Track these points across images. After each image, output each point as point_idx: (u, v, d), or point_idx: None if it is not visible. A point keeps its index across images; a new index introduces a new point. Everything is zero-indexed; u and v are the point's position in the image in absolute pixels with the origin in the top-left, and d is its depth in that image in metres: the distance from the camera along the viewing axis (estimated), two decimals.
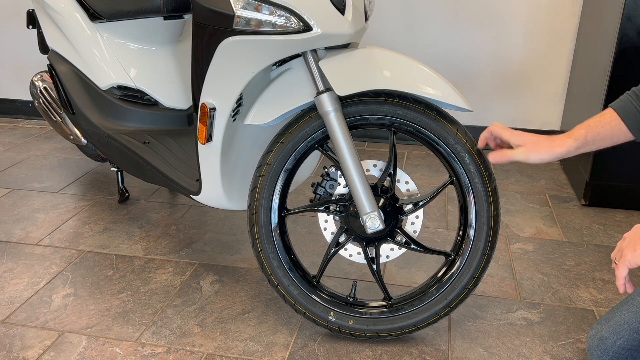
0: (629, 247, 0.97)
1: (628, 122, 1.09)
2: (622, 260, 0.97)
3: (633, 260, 0.96)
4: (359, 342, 1.41)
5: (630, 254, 0.96)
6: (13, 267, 1.72)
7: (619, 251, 1.01)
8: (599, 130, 1.11)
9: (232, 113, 1.35)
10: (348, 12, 1.18)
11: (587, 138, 1.12)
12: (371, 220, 1.26)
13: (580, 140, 1.12)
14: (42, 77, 2.19)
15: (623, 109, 1.09)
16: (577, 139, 1.12)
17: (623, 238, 1.01)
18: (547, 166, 2.46)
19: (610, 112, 1.11)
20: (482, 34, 2.49)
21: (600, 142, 1.12)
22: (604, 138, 1.12)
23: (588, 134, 1.12)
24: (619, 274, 0.98)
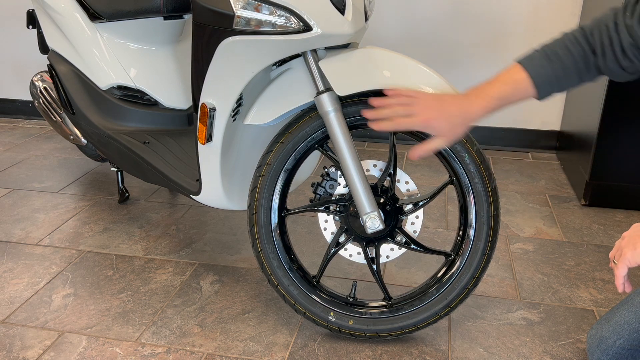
0: (628, 246, 0.97)
1: (536, 79, 1.06)
2: (622, 259, 0.97)
3: (633, 259, 0.95)
4: (359, 342, 1.41)
5: (630, 253, 0.96)
6: (13, 267, 1.72)
7: (617, 250, 1.00)
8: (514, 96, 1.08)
9: (232, 113, 1.35)
10: (348, 12, 1.18)
11: (502, 101, 1.09)
12: (371, 220, 1.26)
13: (495, 105, 1.09)
14: (42, 77, 2.19)
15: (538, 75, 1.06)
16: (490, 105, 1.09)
17: (622, 237, 1.01)
18: (547, 166, 2.46)
19: (520, 71, 1.07)
20: (482, 33, 2.49)
21: (508, 103, 1.10)
22: (512, 99, 1.09)
23: (501, 102, 1.09)
24: (619, 273, 0.97)
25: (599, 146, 1.99)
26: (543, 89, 1.07)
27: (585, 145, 2.10)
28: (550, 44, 1.06)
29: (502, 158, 2.56)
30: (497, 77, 1.09)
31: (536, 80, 1.05)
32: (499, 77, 1.09)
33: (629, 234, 1.00)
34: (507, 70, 1.09)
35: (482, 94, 1.09)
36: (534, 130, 2.61)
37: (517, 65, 1.08)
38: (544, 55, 1.05)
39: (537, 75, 1.05)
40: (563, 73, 1.04)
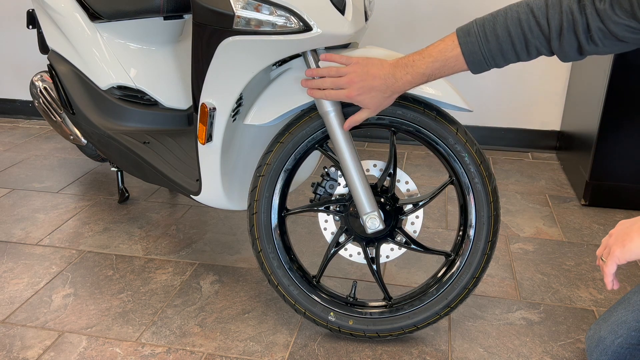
0: (617, 244, 0.95)
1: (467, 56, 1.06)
2: (611, 257, 0.96)
3: (622, 257, 0.94)
4: (359, 342, 1.41)
5: (619, 250, 0.94)
6: (13, 267, 1.72)
7: (605, 248, 0.99)
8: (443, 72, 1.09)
9: (232, 113, 1.35)
10: (348, 12, 1.18)
11: (430, 77, 1.10)
12: (371, 220, 1.26)
13: (422, 80, 1.10)
14: (42, 77, 2.19)
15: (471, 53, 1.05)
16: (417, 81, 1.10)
17: (609, 235, 1.00)
18: (547, 166, 2.46)
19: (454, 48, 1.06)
20: None
21: (438, 77, 1.11)
22: (442, 74, 1.10)
23: (430, 77, 1.10)
24: (608, 271, 0.96)
25: (599, 146, 1.99)
26: (476, 67, 1.07)
27: (585, 145, 2.10)
28: (492, 20, 1.04)
29: (502, 158, 2.56)
30: (431, 50, 1.08)
31: (469, 59, 1.06)
32: (432, 49, 1.08)
33: (615, 231, 0.98)
34: (442, 41, 1.08)
35: (411, 69, 1.10)
36: (534, 130, 2.61)
37: (454, 38, 1.07)
38: (482, 33, 1.04)
39: (471, 54, 1.05)
40: (499, 53, 1.04)
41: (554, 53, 1.03)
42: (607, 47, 0.98)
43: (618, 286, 0.99)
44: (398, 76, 1.11)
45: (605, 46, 0.98)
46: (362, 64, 1.14)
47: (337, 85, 1.16)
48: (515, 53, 1.04)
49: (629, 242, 0.94)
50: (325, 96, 1.19)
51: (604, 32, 0.96)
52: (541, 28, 1.00)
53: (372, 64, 1.14)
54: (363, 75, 1.13)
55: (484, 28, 1.04)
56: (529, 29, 1.01)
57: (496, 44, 1.03)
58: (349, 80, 1.15)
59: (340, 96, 1.17)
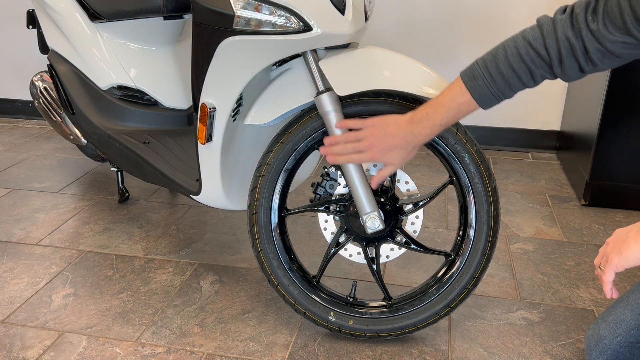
0: (614, 251, 0.96)
1: (478, 99, 1.08)
2: (609, 265, 0.96)
3: (620, 264, 0.95)
4: (359, 342, 1.41)
5: (616, 258, 0.95)
6: (13, 267, 1.72)
7: (602, 257, 1.00)
8: (458, 117, 1.11)
9: (232, 113, 1.35)
10: (348, 12, 1.18)
11: (446, 125, 1.12)
12: (371, 220, 1.26)
13: (440, 130, 1.13)
14: (42, 77, 2.19)
15: (481, 95, 1.08)
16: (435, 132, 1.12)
17: (606, 243, 1.01)
18: (547, 166, 2.46)
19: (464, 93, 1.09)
20: (482, 33, 2.49)
21: (453, 123, 1.13)
22: (457, 119, 1.12)
23: (447, 126, 1.12)
24: (607, 279, 0.97)
25: (599, 146, 1.99)
26: (487, 104, 1.10)
27: (585, 145, 2.10)
28: (494, 60, 1.06)
29: (502, 158, 2.56)
30: (442, 100, 1.11)
31: (479, 100, 1.09)
32: (443, 99, 1.11)
33: (612, 239, 0.99)
34: (450, 89, 1.11)
35: (427, 122, 1.12)
36: (534, 130, 2.61)
37: (461, 84, 1.09)
38: (487, 74, 1.06)
39: (481, 96, 1.08)
40: (507, 88, 1.07)
41: (557, 77, 1.05)
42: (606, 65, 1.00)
43: (617, 295, 0.99)
44: (416, 131, 1.13)
45: (604, 64, 1.00)
46: (379, 126, 1.16)
47: (358, 149, 1.18)
48: (522, 83, 1.06)
49: (626, 249, 0.94)
50: (347, 161, 1.20)
51: (602, 51, 0.97)
52: (542, 58, 1.02)
53: (388, 123, 1.15)
54: (382, 137, 1.15)
55: (487, 69, 1.06)
56: (530, 60, 1.03)
57: (503, 81, 1.06)
58: (369, 144, 1.16)
59: (363, 159, 1.18)
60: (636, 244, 0.93)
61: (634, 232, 0.95)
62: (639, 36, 0.92)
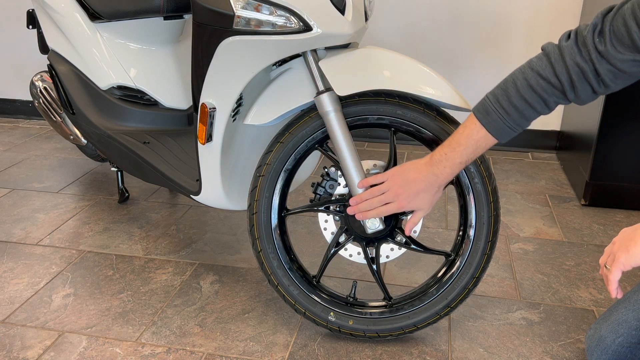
0: (621, 250, 0.96)
1: (495, 134, 1.09)
2: (616, 264, 0.96)
3: (627, 262, 0.94)
4: (359, 342, 1.41)
5: (624, 257, 0.95)
6: (13, 267, 1.72)
7: (608, 256, 1.00)
8: (477, 153, 1.13)
9: (232, 113, 1.35)
10: (348, 12, 1.18)
11: (466, 163, 1.14)
12: (371, 220, 1.26)
13: (461, 168, 1.14)
14: (42, 77, 2.19)
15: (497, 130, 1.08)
16: (456, 171, 1.14)
17: (612, 242, 1.00)
18: (547, 166, 2.46)
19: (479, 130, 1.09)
20: (483, 33, 2.49)
21: (474, 157, 1.14)
22: (476, 155, 1.14)
23: (467, 163, 1.14)
24: (613, 278, 0.97)
25: (599, 146, 1.99)
26: (504, 137, 1.11)
27: (585, 145, 2.10)
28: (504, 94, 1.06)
29: (502, 158, 2.56)
30: (458, 139, 1.12)
31: (496, 135, 1.10)
32: (459, 138, 1.11)
33: (619, 239, 0.99)
34: (466, 127, 1.11)
35: (448, 163, 1.13)
36: (534, 130, 2.61)
37: (475, 121, 1.10)
38: (501, 108, 1.07)
39: (497, 130, 1.09)
40: (522, 119, 1.08)
41: (571, 102, 1.05)
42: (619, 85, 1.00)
43: (622, 295, 0.99)
44: (438, 172, 1.14)
45: (616, 85, 1.00)
46: (399, 174, 1.17)
47: (385, 202, 1.19)
48: (537, 112, 1.07)
49: (633, 246, 0.94)
50: (377, 214, 1.21)
51: (614, 72, 0.97)
52: (554, 86, 1.02)
53: (409, 169, 1.17)
54: (405, 184, 1.16)
55: (500, 104, 1.07)
56: (542, 90, 1.03)
57: (517, 113, 1.06)
58: (395, 194, 1.18)
59: (392, 209, 1.19)
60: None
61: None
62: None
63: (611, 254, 0.99)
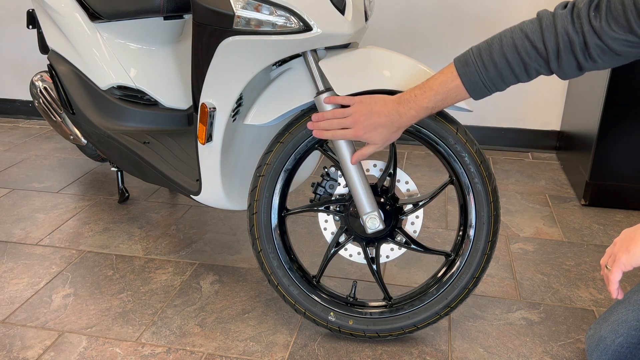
0: (622, 250, 0.95)
1: (468, 86, 1.08)
2: (617, 264, 0.96)
3: (628, 262, 0.94)
4: (359, 342, 1.41)
5: (625, 257, 0.94)
6: (13, 267, 1.72)
7: (609, 256, 0.99)
8: (446, 103, 1.11)
9: (232, 113, 1.35)
10: (348, 12, 1.18)
11: (433, 109, 1.12)
12: (371, 220, 1.26)
13: (426, 113, 1.13)
14: (42, 77, 2.19)
15: (471, 83, 1.08)
16: (421, 114, 1.12)
17: (613, 243, 1.00)
18: (547, 166, 2.46)
19: (454, 79, 1.09)
20: (482, 33, 2.49)
21: (441, 108, 1.14)
22: (445, 105, 1.13)
23: (434, 110, 1.12)
24: (614, 278, 0.96)
25: (599, 146, 1.99)
26: (477, 94, 1.10)
27: (585, 145, 2.10)
28: (488, 48, 1.06)
29: (502, 158, 2.56)
30: (431, 83, 1.11)
31: (469, 88, 1.09)
32: (432, 83, 1.11)
33: (620, 239, 0.98)
34: (442, 73, 1.11)
35: (414, 104, 1.12)
36: (534, 130, 2.61)
37: (453, 69, 1.09)
38: (480, 62, 1.06)
39: (471, 83, 1.08)
40: (499, 79, 1.07)
41: (553, 72, 1.04)
42: (606, 62, 0.99)
43: (622, 295, 0.98)
44: (402, 112, 1.13)
45: (604, 62, 0.99)
46: (366, 103, 1.16)
47: (343, 125, 1.18)
48: (515, 76, 1.06)
49: (634, 246, 0.94)
50: (332, 136, 1.20)
51: (602, 48, 0.97)
52: (538, 51, 1.02)
53: (375, 101, 1.16)
54: (367, 113, 1.16)
55: (481, 57, 1.07)
56: (525, 53, 1.03)
57: (495, 70, 1.06)
58: (355, 120, 1.17)
59: (347, 135, 1.19)
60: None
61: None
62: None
63: (612, 255, 0.98)
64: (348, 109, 1.18)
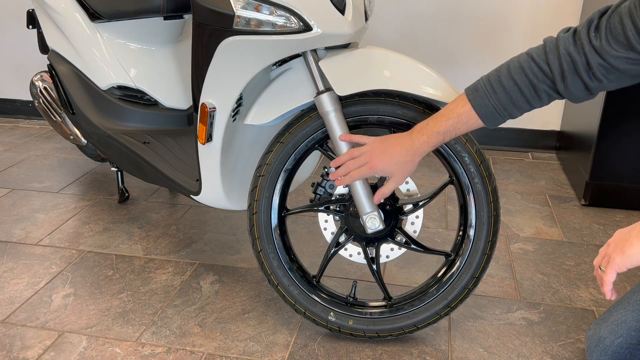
0: (616, 251, 0.95)
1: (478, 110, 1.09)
2: (611, 265, 0.95)
3: (622, 264, 0.94)
4: (359, 342, 1.41)
5: (619, 258, 0.94)
6: (13, 267, 1.72)
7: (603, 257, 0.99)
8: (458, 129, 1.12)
9: (232, 113, 1.35)
10: (348, 12, 1.18)
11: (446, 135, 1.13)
12: (371, 220, 1.26)
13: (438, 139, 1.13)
14: (42, 77, 2.19)
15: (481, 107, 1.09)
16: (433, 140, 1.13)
17: (607, 244, 1.00)
18: (547, 166, 2.46)
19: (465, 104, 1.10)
20: (482, 33, 2.49)
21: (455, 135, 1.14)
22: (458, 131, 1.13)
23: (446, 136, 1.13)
24: (608, 279, 0.96)
25: (599, 146, 1.99)
26: (489, 120, 1.11)
27: (585, 145, 2.10)
28: (496, 73, 1.08)
29: (502, 158, 2.56)
30: (443, 111, 1.13)
31: (480, 112, 1.09)
32: (444, 110, 1.13)
33: (614, 240, 0.98)
34: (453, 102, 1.13)
35: (426, 130, 1.13)
36: (534, 130, 2.61)
37: (463, 96, 1.11)
38: (489, 85, 1.07)
39: (481, 107, 1.09)
40: (509, 102, 1.07)
41: (562, 95, 1.05)
42: (613, 82, 1.00)
43: (616, 297, 0.98)
44: (415, 138, 1.14)
45: (609, 81, 1.00)
46: (380, 139, 1.19)
47: (360, 163, 1.19)
48: (525, 100, 1.07)
49: (628, 247, 0.93)
50: (351, 178, 1.20)
51: (605, 67, 0.98)
52: (544, 72, 1.03)
53: (390, 136, 1.19)
54: (382, 147, 1.17)
55: (489, 81, 1.08)
56: (532, 74, 1.04)
57: (504, 93, 1.06)
58: (370, 154, 1.18)
59: (364, 172, 1.19)
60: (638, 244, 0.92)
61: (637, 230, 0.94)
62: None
63: (606, 256, 0.98)
64: (364, 146, 1.20)
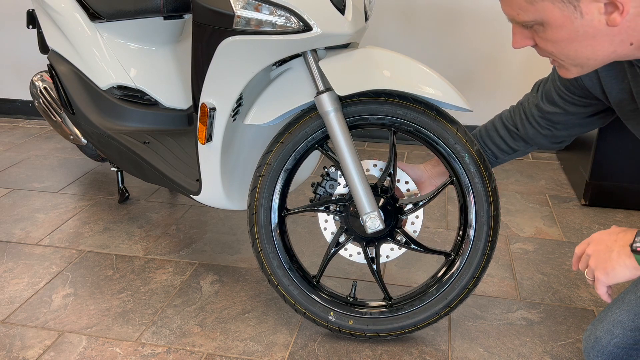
0: (599, 270, 1.01)
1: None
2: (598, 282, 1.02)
3: (608, 281, 1.00)
4: (359, 342, 1.41)
5: (604, 278, 1.00)
6: (13, 267, 1.73)
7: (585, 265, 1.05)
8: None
9: (232, 113, 1.35)
10: (348, 12, 1.18)
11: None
12: (371, 220, 1.26)
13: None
14: (42, 77, 2.19)
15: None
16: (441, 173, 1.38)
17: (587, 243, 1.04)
18: (547, 166, 2.46)
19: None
20: (482, 33, 2.49)
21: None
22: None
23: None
24: (601, 292, 1.03)
25: (599, 146, 1.99)
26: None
27: (585, 145, 2.10)
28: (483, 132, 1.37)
29: None
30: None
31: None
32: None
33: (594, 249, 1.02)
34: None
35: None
36: None
37: None
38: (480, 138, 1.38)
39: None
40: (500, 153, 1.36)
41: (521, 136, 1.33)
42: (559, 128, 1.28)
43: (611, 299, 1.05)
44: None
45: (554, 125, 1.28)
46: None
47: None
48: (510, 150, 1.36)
49: (611, 270, 0.99)
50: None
51: (543, 119, 1.28)
52: (514, 124, 1.34)
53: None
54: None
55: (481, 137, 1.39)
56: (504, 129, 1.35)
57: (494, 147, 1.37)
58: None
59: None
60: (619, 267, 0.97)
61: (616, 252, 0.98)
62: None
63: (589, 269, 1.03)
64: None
